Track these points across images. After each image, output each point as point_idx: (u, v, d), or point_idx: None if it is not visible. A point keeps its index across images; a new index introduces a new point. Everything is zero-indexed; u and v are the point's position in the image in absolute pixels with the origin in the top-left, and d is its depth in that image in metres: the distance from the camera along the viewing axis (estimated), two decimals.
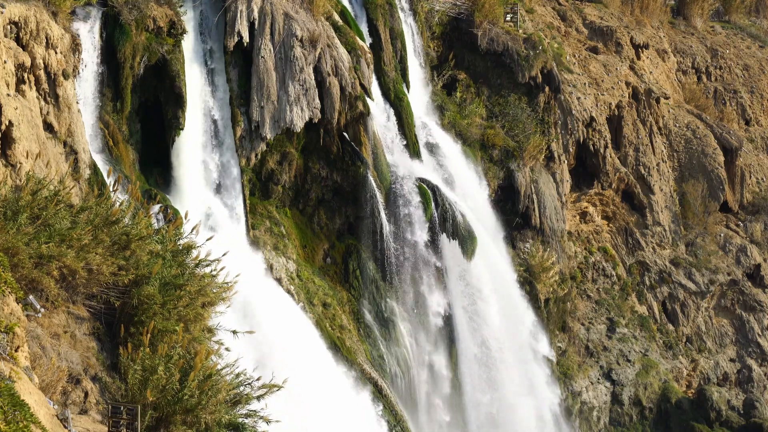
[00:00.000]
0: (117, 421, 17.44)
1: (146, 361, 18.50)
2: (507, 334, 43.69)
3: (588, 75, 53.39)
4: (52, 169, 26.22)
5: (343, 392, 35.47)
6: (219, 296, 21.78)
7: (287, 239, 38.23)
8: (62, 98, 29.37)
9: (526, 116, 47.71)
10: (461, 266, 41.87)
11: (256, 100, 36.87)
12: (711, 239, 56.22)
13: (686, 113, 59.30)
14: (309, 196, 39.54)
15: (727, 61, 65.04)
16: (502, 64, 48.27)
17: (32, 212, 19.59)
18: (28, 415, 13.86)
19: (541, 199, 47.52)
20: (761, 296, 56.12)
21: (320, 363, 34.86)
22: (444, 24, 48.25)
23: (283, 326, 33.84)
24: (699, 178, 56.82)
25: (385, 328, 39.78)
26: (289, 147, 38.34)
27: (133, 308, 20.22)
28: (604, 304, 51.82)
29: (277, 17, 37.43)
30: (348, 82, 38.35)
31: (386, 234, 39.48)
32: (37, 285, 19.06)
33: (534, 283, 46.48)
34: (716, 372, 53.97)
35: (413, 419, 39.47)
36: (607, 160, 52.44)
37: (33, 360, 17.36)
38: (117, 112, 33.71)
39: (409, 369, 40.00)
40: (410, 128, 42.67)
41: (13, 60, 27.04)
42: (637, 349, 51.31)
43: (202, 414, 18.53)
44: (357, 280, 39.69)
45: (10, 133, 25.65)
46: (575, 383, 48.68)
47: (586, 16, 58.22)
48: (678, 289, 54.10)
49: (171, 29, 34.78)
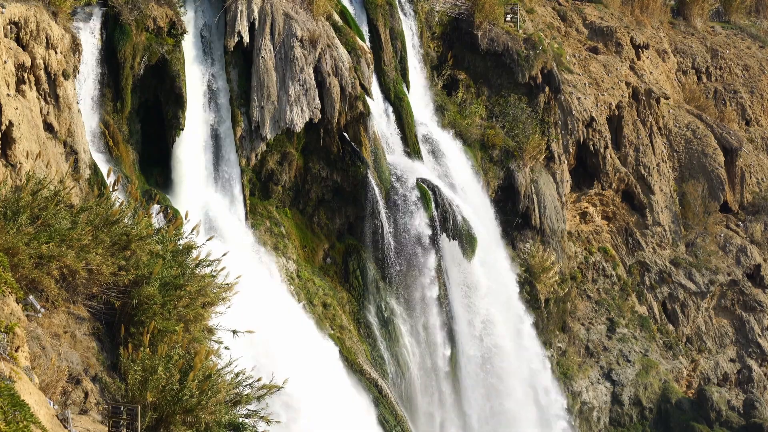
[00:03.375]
0: (117, 422, 17.45)
1: (146, 361, 18.51)
2: (507, 334, 43.70)
3: (588, 75, 53.39)
4: (52, 169, 26.22)
5: (347, 390, 35.50)
6: (219, 296, 21.79)
7: (287, 239, 38.24)
8: (62, 98, 29.36)
9: (526, 116, 47.72)
10: (461, 266, 41.87)
11: (256, 100, 36.87)
12: (711, 239, 56.22)
13: (686, 113, 59.30)
14: (309, 196, 39.54)
15: (727, 61, 65.04)
16: (502, 64, 48.26)
17: (32, 212, 19.59)
18: (28, 416, 13.86)
19: (541, 199, 47.52)
20: (761, 296, 56.12)
21: (320, 362, 34.86)
22: (444, 24, 48.25)
23: (283, 326, 33.82)
24: (699, 178, 56.82)
25: (385, 328, 39.79)
26: (289, 147, 38.34)
27: (134, 308, 20.22)
28: (604, 304, 51.82)
29: (277, 17, 37.43)
30: (348, 82, 38.35)
31: (386, 234, 39.49)
32: (37, 285, 19.06)
33: (534, 283, 46.49)
34: (716, 372, 53.97)
35: (413, 419, 39.47)
36: (607, 160, 52.44)
37: (33, 360, 17.36)
38: (117, 112, 33.72)
39: (409, 369, 40.00)
40: (410, 128, 42.67)
41: (13, 60, 27.03)
42: (637, 349, 51.32)
43: (202, 414, 18.54)
44: (357, 280, 39.69)
45: (10, 133, 25.65)
46: (575, 383, 48.69)
47: (586, 16, 58.22)
48: (678, 289, 54.10)
49: (171, 29, 34.79)
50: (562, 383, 47.59)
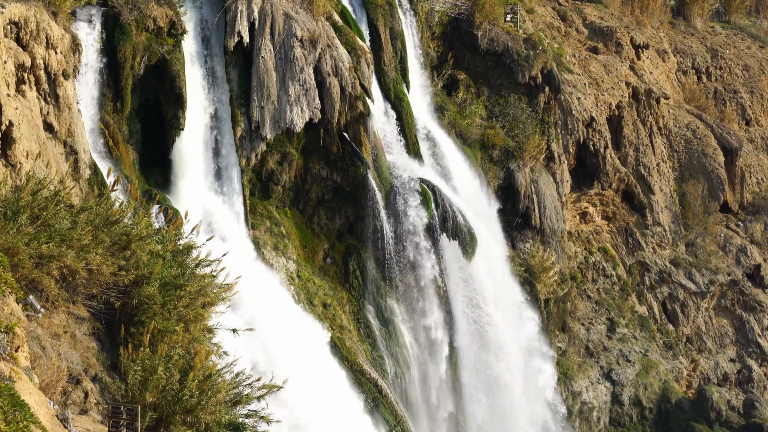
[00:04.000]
0: (117, 422, 17.45)
1: (146, 361, 18.51)
2: (507, 333, 43.69)
3: (588, 75, 53.39)
4: (53, 169, 26.22)
5: (343, 390, 35.49)
6: (219, 296, 21.79)
7: (287, 239, 38.24)
8: (62, 98, 29.36)
9: (526, 116, 47.72)
10: (461, 266, 41.87)
11: (256, 100, 36.87)
12: (711, 239, 56.22)
13: (686, 113, 59.30)
14: (309, 196, 39.54)
15: (727, 61, 65.04)
16: (502, 64, 48.26)
17: (32, 212, 19.58)
18: (28, 415, 13.86)
19: (541, 199, 47.52)
20: (761, 296, 56.12)
21: (320, 362, 34.86)
22: (444, 24, 48.25)
23: (283, 326, 33.82)
24: (699, 178, 56.82)
25: (385, 328, 39.80)
26: (289, 147, 38.34)
27: (134, 308, 20.22)
28: (604, 304, 51.82)
29: (277, 17, 37.43)
30: (348, 82, 38.35)
31: (386, 234, 39.49)
32: (38, 285, 19.06)
33: (534, 283, 46.48)
34: (716, 372, 53.97)
35: (413, 419, 39.47)
36: (607, 160, 52.44)
37: (33, 360, 17.35)
38: (117, 112, 33.71)
39: (409, 369, 40.01)
40: (410, 128, 42.68)
41: (13, 60, 27.03)
42: (637, 349, 51.31)
43: (202, 414, 18.54)
44: (357, 281, 39.69)
45: (10, 133, 25.65)
46: (575, 383, 48.69)
47: (586, 16, 58.22)
48: (678, 289, 54.10)
49: (171, 29, 34.78)
50: (562, 383, 47.59)
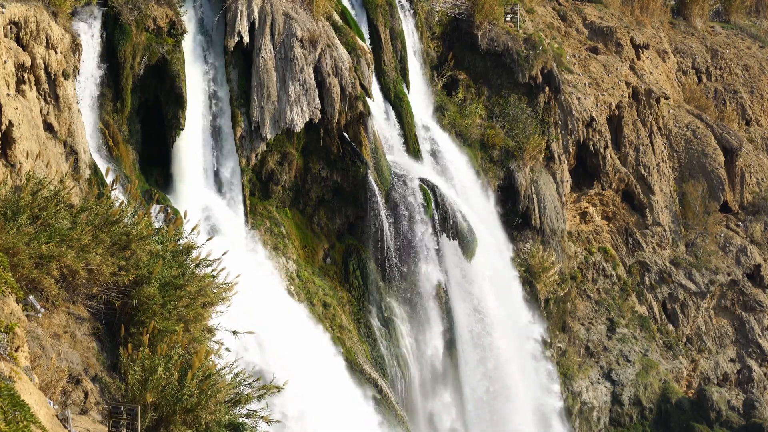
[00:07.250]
0: (117, 422, 17.44)
1: (146, 361, 18.50)
2: (507, 333, 43.69)
3: (588, 75, 53.39)
4: (53, 169, 26.21)
5: (345, 387, 35.51)
6: (219, 296, 21.78)
7: (287, 239, 38.24)
8: (62, 98, 29.36)
9: (526, 116, 47.72)
10: (461, 266, 41.87)
11: (256, 100, 36.87)
12: (711, 239, 56.22)
13: (686, 113, 59.31)
14: (309, 196, 39.54)
15: (727, 61, 65.03)
16: (503, 64, 48.27)
17: (32, 212, 19.57)
18: (28, 415, 13.86)
19: (541, 199, 47.52)
20: (761, 296, 56.12)
21: (320, 361, 34.86)
22: (444, 24, 48.26)
23: (282, 325, 33.83)
24: (699, 178, 56.82)
25: (385, 328, 39.80)
26: (289, 147, 38.34)
27: (134, 308, 20.21)
28: (604, 304, 51.82)
29: (277, 17, 37.43)
30: (348, 82, 38.35)
31: (386, 234, 39.49)
32: (37, 285, 19.05)
33: (534, 283, 46.49)
34: (716, 372, 53.97)
35: (413, 419, 39.47)
36: (607, 160, 52.44)
37: (33, 360, 17.35)
38: (117, 112, 33.71)
39: (409, 369, 40.00)
40: (410, 128, 42.68)
41: (13, 60, 27.03)
42: (637, 349, 51.31)
43: (202, 414, 18.53)
44: (357, 281, 39.69)
45: (10, 133, 25.65)
46: (575, 383, 48.68)
47: (586, 16, 58.22)
48: (678, 289, 54.10)
49: (171, 29, 34.77)
50: (562, 383, 47.59)
